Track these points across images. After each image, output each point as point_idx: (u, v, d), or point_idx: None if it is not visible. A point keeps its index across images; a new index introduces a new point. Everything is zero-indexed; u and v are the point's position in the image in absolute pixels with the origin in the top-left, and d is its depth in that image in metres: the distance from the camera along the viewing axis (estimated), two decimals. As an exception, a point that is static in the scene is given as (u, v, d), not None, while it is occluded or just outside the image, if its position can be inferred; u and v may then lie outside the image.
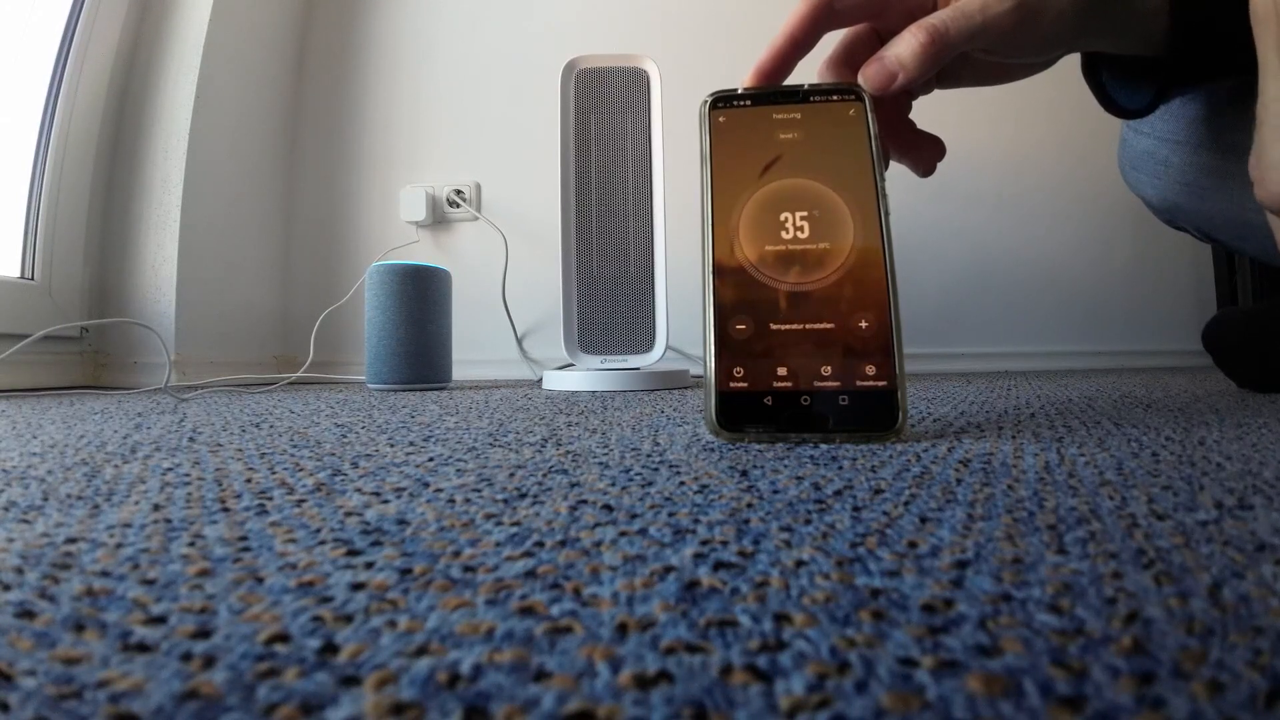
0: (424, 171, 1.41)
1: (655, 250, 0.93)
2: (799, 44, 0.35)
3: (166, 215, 1.13)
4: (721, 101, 0.35)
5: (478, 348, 1.33)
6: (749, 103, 0.35)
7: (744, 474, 0.25)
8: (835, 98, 0.34)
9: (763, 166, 0.34)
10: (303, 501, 0.21)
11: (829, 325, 0.32)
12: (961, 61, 0.36)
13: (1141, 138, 0.56)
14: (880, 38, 0.36)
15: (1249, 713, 0.09)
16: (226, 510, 0.20)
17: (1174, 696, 0.09)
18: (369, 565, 0.15)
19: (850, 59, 0.36)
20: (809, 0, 0.34)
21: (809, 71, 0.37)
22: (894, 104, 0.37)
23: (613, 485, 0.23)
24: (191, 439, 0.38)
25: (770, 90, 0.35)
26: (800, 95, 0.34)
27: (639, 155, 0.93)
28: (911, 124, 0.39)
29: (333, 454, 0.31)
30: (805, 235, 0.33)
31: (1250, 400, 0.53)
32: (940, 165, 0.39)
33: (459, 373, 1.10)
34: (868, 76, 0.34)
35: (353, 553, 0.16)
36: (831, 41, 0.37)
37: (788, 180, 0.33)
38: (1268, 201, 0.31)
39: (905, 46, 0.33)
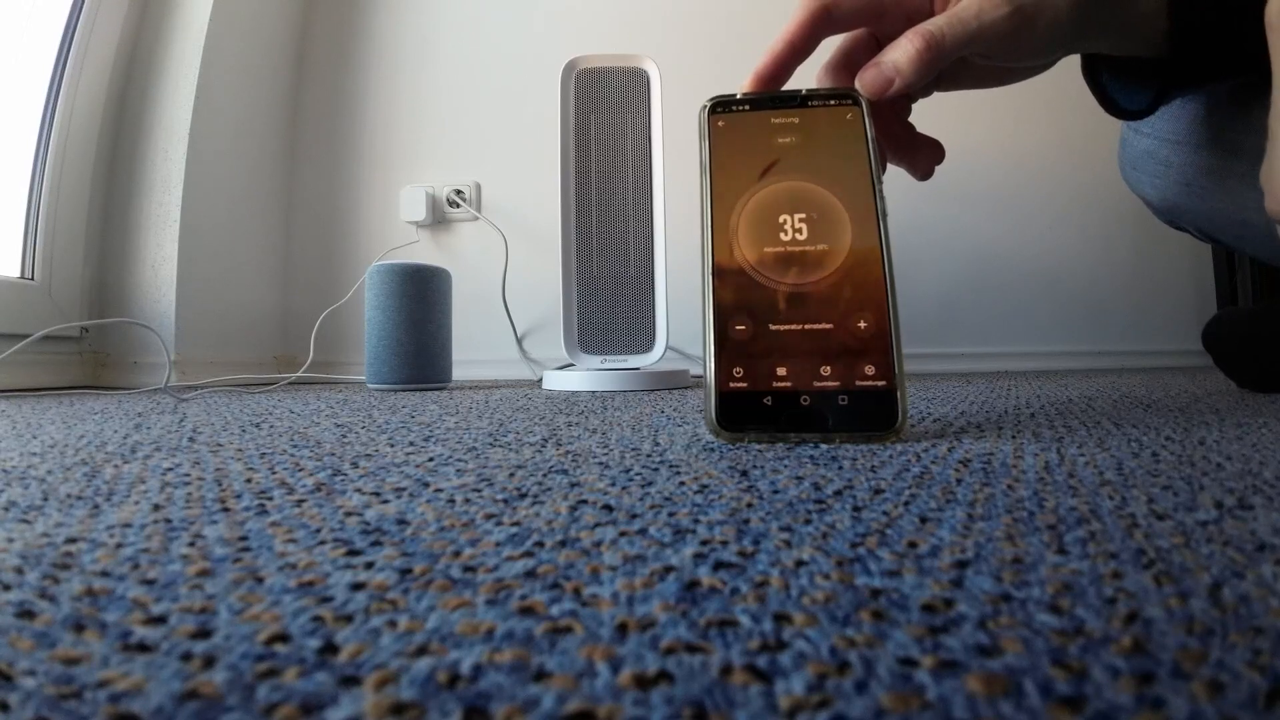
0: (424, 171, 1.41)
1: (655, 250, 0.93)
2: (797, 49, 0.35)
3: (166, 215, 1.13)
4: (720, 106, 0.35)
5: (478, 348, 1.33)
6: (748, 107, 0.35)
7: (744, 474, 0.25)
8: (833, 102, 0.34)
9: (761, 170, 0.34)
10: (303, 501, 0.21)
11: (828, 326, 0.32)
12: (960, 65, 0.36)
13: (1142, 138, 0.56)
14: (878, 42, 0.36)
15: (1249, 713, 0.09)
16: (226, 510, 0.20)
17: (1174, 696, 0.09)
18: (369, 565, 0.15)
19: (848, 64, 0.37)
20: (808, 6, 0.35)
21: (808, 76, 0.37)
22: (893, 107, 0.37)
23: (613, 485, 0.23)
24: (191, 439, 0.38)
25: (769, 95, 0.35)
26: (798, 100, 0.35)
27: (639, 155, 0.93)
28: (910, 127, 0.39)
29: (333, 454, 0.31)
30: (804, 237, 0.33)
31: (1250, 400, 0.53)
32: (940, 165, 0.39)
33: (459, 373, 1.10)
34: (864, 82, 0.34)
35: (353, 553, 0.16)
36: (831, 46, 0.37)
37: (786, 183, 0.34)
38: (1277, 213, 0.31)
39: (901, 52, 0.33)
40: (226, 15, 1.21)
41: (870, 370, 0.31)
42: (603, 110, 0.93)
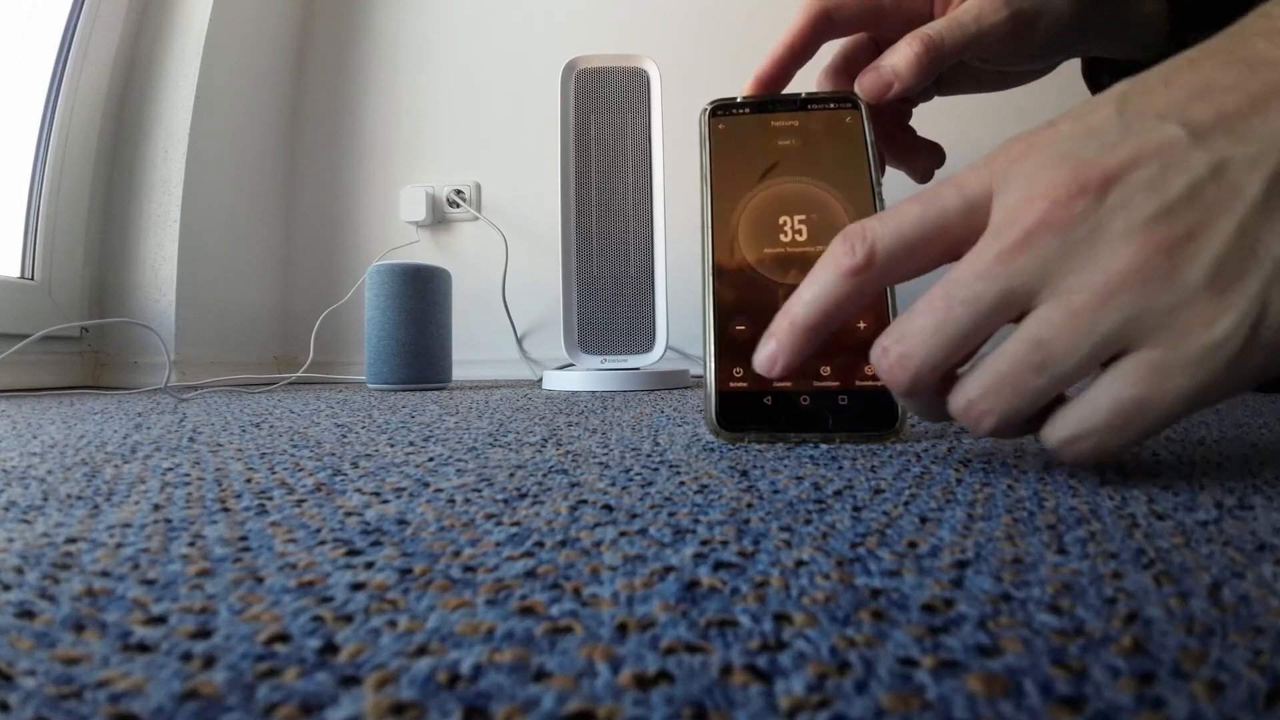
0: (424, 171, 1.41)
1: (655, 250, 0.93)
2: (798, 53, 0.36)
3: (166, 215, 1.13)
4: (721, 109, 0.36)
5: (478, 348, 1.33)
6: (748, 110, 0.36)
7: (744, 474, 0.25)
8: (832, 105, 0.35)
9: (761, 172, 0.34)
10: (303, 501, 0.21)
11: None
12: (960, 69, 0.36)
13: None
14: (878, 46, 0.36)
15: (1249, 713, 0.09)
16: (226, 510, 0.20)
17: (1174, 696, 0.09)
18: (369, 565, 0.15)
19: (849, 67, 0.37)
20: (808, 10, 0.35)
21: (808, 80, 0.37)
22: (893, 111, 0.37)
23: (613, 485, 0.23)
24: (191, 439, 0.38)
25: (769, 98, 0.36)
26: (798, 103, 0.35)
27: (639, 155, 0.93)
28: (911, 131, 0.39)
29: (333, 454, 0.31)
30: (804, 238, 0.33)
31: (1250, 400, 0.53)
32: (940, 168, 0.39)
33: (459, 373, 1.10)
34: (864, 86, 0.34)
35: (353, 553, 0.16)
36: (832, 50, 0.38)
37: (786, 185, 0.34)
38: (885, 378, 0.23)
39: (900, 56, 0.33)
40: (226, 15, 1.20)
41: (870, 370, 0.31)
42: (603, 110, 0.93)
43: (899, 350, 0.22)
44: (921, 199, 0.23)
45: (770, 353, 0.26)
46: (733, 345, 0.32)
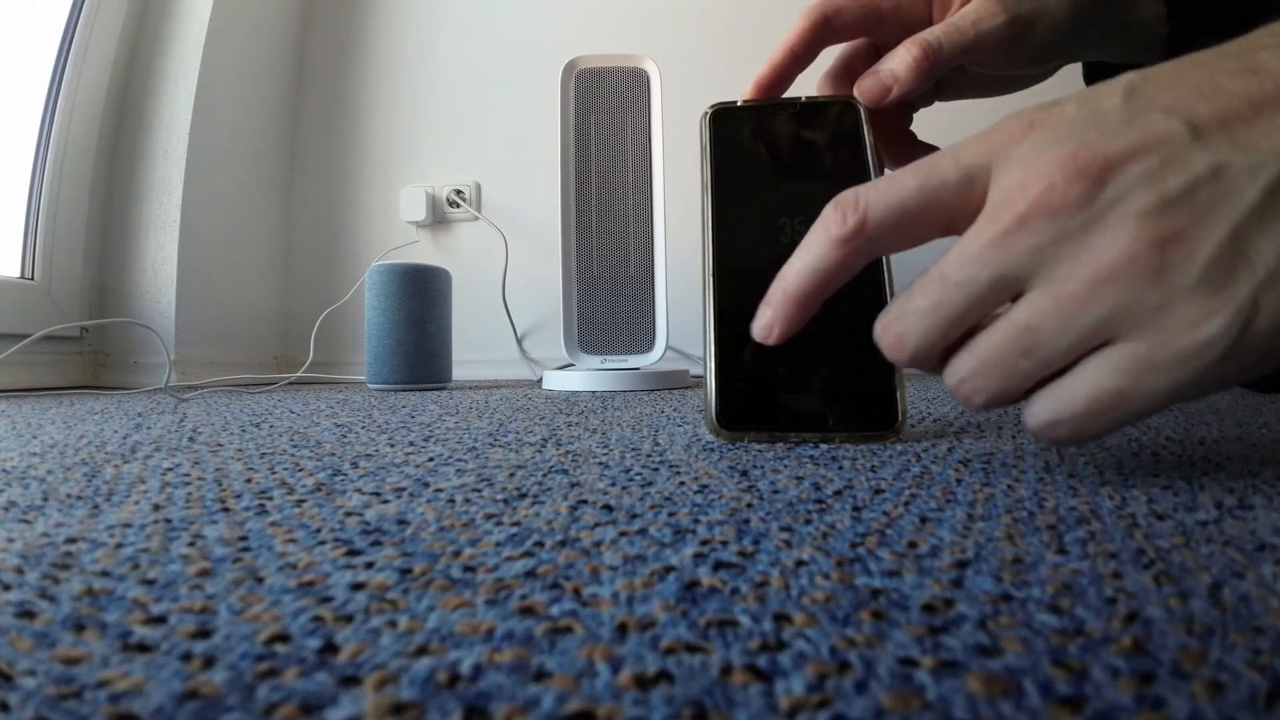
0: (424, 171, 1.41)
1: (655, 250, 0.93)
2: (798, 58, 0.36)
3: (166, 215, 1.13)
4: (721, 113, 0.36)
5: (478, 348, 1.33)
6: (748, 114, 0.36)
7: (744, 474, 0.25)
8: (832, 109, 0.35)
9: (761, 175, 0.35)
10: (303, 501, 0.21)
11: (827, 326, 0.32)
12: (959, 74, 0.36)
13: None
14: (877, 51, 0.36)
15: (1249, 713, 0.09)
16: (226, 510, 0.20)
17: (1174, 696, 0.09)
18: (369, 565, 0.15)
19: (848, 72, 0.37)
20: (808, 16, 0.35)
21: (809, 84, 0.37)
22: (893, 115, 0.38)
23: (613, 485, 0.23)
24: (191, 439, 0.38)
25: (769, 102, 0.36)
26: (798, 107, 0.35)
27: (639, 155, 0.93)
28: (911, 135, 0.39)
29: (333, 454, 0.31)
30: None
31: (1250, 400, 0.53)
32: None
33: (459, 373, 1.10)
34: (863, 90, 0.34)
35: (353, 553, 0.16)
36: (831, 55, 0.38)
37: (786, 187, 0.34)
38: (890, 354, 0.24)
39: (899, 61, 0.33)
40: (226, 15, 1.20)
41: (870, 370, 0.31)
42: (603, 110, 0.93)
43: (896, 330, 0.22)
44: (919, 169, 0.23)
45: (766, 321, 0.26)
46: (733, 345, 0.32)
